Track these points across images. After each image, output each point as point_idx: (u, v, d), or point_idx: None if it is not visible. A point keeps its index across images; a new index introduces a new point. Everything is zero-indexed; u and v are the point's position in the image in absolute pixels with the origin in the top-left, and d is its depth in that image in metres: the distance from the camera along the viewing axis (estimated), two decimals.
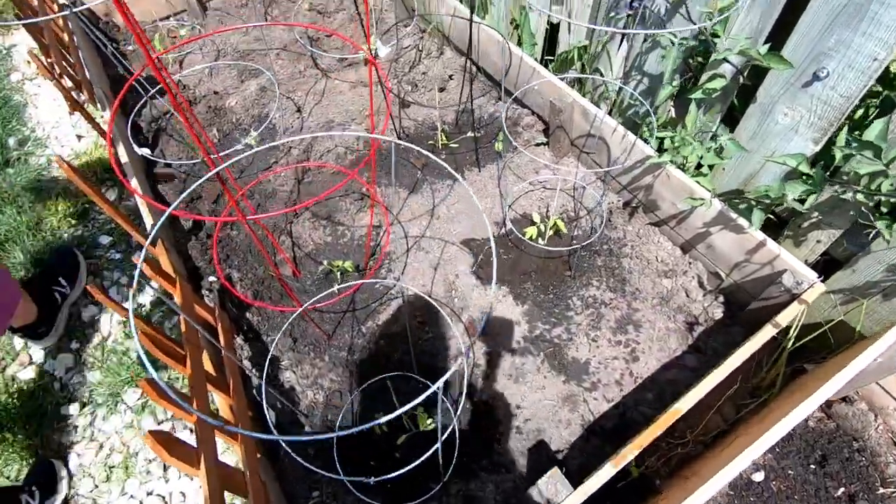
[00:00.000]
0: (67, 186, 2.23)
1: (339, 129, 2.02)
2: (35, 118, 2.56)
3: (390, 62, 2.31)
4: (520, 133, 1.93)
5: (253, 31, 2.50)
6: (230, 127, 2.07)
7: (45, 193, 2.23)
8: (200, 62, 2.37)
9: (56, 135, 2.50)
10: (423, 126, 2.04)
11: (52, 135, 2.50)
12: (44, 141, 2.46)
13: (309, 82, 2.24)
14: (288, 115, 2.11)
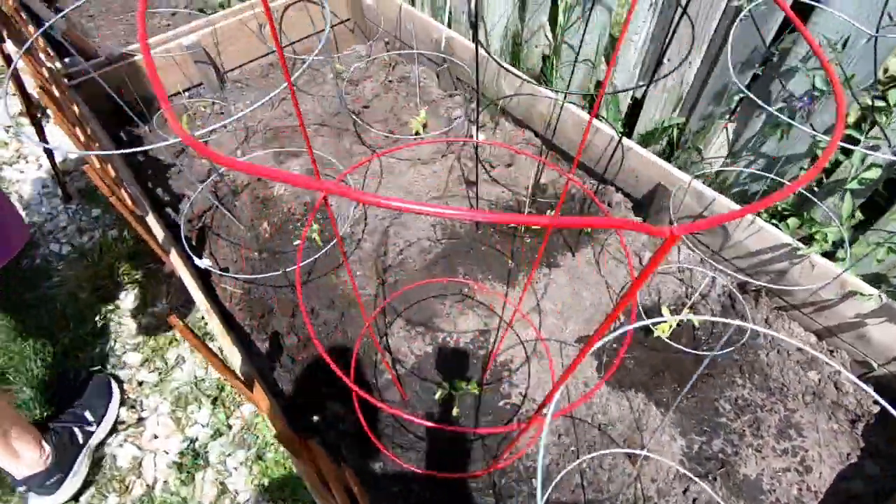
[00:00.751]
0: (76, 294, 1.89)
1: (410, 215, 1.83)
2: (25, 207, 2.19)
3: (441, 133, 2.17)
4: (610, 212, 1.82)
5: (282, 104, 2.29)
6: (282, 218, 1.84)
7: (52, 301, 1.87)
8: (229, 142, 2.12)
9: (50, 227, 2.15)
10: (497, 206, 1.89)
11: (46, 228, 2.14)
12: (42, 236, 2.10)
13: (357, 160, 2.04)
14: (346, 202, 1.90)
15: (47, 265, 2.03)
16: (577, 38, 1.78)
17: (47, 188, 2.29)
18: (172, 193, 1.95)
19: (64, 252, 2.07)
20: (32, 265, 2.03)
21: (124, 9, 2.83)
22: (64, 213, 2.20)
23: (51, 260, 2.05)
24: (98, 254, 2.02)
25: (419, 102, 2.27)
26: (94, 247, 2.07)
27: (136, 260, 2.00)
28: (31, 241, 2.09)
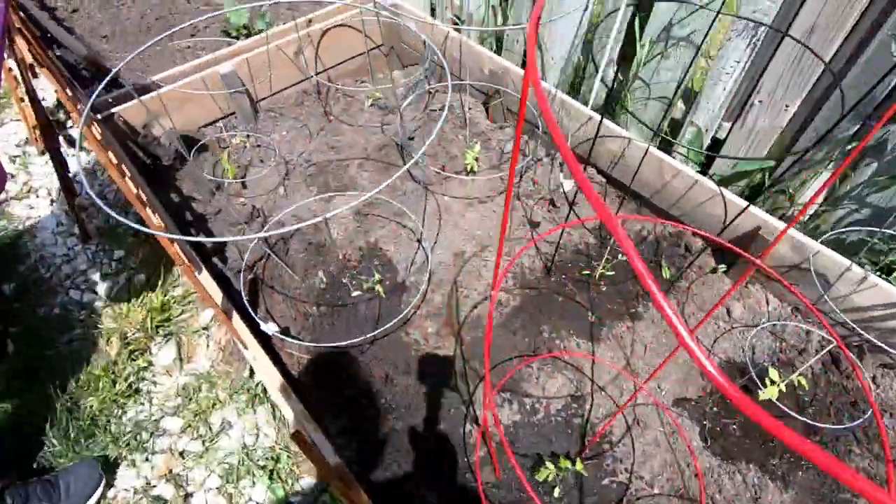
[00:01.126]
0: (103, 349, 1.70)
1: (478, 262, 1.69)
2: (37, 248, 1.99)
3: (493, 167, 2.04)
4: (686, 257, 1.71)
5: (321, 135, 2.14)
6: (338, 267, 1.69)
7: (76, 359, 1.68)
8: (269, 179, 1.96)
9: (67, 270, 1.95)
10: (565, 250, 1.78)
11: (63, 271, 1.95)
12: (59, 282, 1.90)
13: (412, 199, 1.91)
14: (404, 245, 1.76)
15: (67, 315, 1.84)
16: (652, 73, 1.68)
17: (62, 226, 2.10)
18: (211, 236, 1.78)
19: (86, 300, 1.88)
20: (51, 314, 1.84)
21: (139, 28, 2.65)
22: (83, 255, 2.01)
23: (71, 309, 1.86)
24: (126, 302, 1.84)
25: (468, 135, 2.15)
26: (121, 293, 1.88)
27: (170, 309, 1.82)
28: (48, 288, 1.89)
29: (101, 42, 2.55)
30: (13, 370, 1.67)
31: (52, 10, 2.77)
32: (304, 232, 1.74)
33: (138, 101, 1.86)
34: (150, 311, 1.79)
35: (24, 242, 2.04)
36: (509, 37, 2.09)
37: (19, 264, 1.97)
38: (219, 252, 1.72)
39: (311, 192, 1.92)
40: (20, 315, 1.83)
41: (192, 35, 2.65)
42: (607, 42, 1.70)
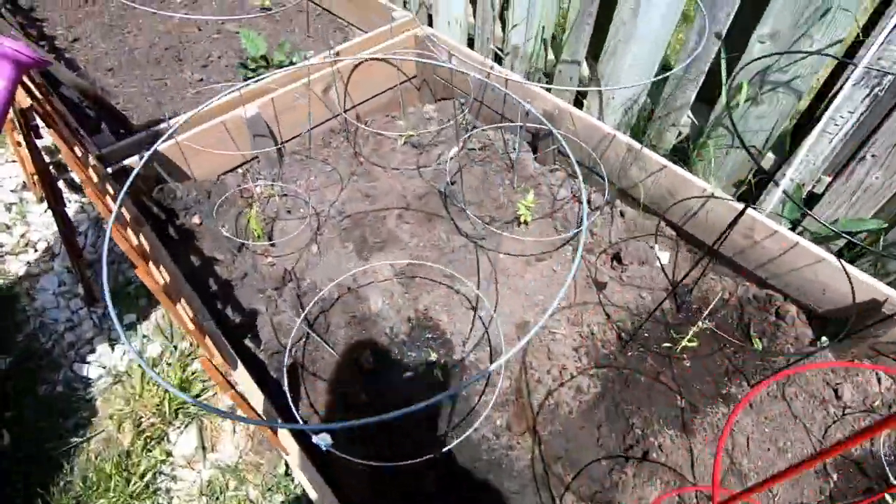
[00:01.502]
0: (115, 437, 1.48)
1: (545, 335, 1.49)
2: (37, 312, 1.76)
3: (546, 215, 1.85)
4: (779, 326, 1.52)
5: (352, 181, 1.94)
6: (387, 341, 1.47)
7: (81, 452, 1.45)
8: (297, 231, 1.75)
9: (71, 338, 1.73)
10: (638, 316, 1.57)
11: (66, 340, 1.72)
12: (62, 353, 1.67)
13: (461, 257, 1.70)
14: (458, 314, 1.55)
15: (72, 395, 1.61)
16: (738, 119, 1.50)
17: (65, 286, 1.88)
18: (238, 306, 1.57)
19: (93, 375, 1.65)
20: (53, 393, 1.62)
21: (148, 59, 2.45)
22: (88, 320, 1.79)
23: (76, 387, 1.63)
24: (140, 378, 1.61)
25: (515, 179, 1.95)
26: (132, 367, 1.66)
27: (189, 387, 1.60)
28: (49, 361, 1.67)
29: (107, 76, 2.34)
30: (9, 467, 1.44)
31: (52, 40, 2.57)
32: (346, 301, 1.53)
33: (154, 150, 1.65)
34: (167, 392, 1.57)
35: (21, 306, 1.81)
36: (562, 73, 1.90)
37: (16, 333, 1.75)
38: (246, 326, 1.50)
39: (346, 250, 1.72)
40: (17, 395, 1.60)
41: (203, 66, 2.45)
42: (685, 83, 1.52)
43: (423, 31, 2.12)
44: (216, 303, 1.53)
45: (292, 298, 1.52)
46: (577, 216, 1.84)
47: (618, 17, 1.59)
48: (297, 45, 2.60)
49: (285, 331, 1.44)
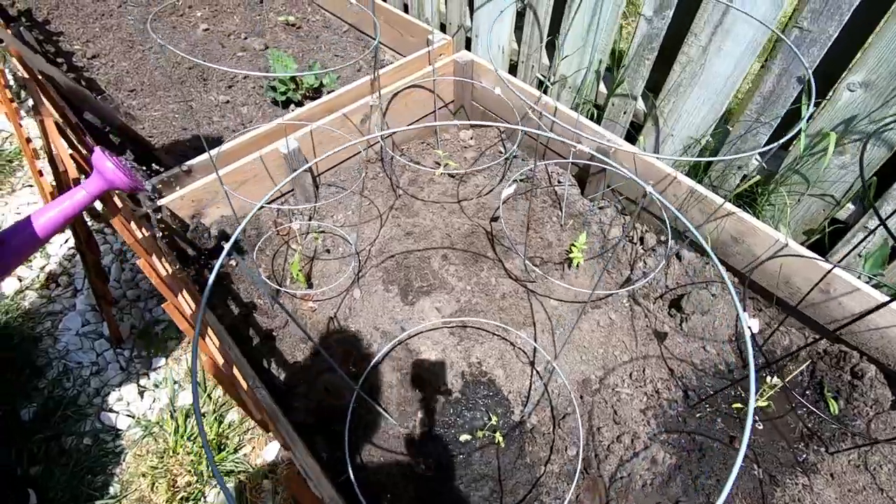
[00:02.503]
0: (147, 498, 1.38)
1: (609, 395, 1.40)
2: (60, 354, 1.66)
3: (596, 256, 1.76)
4: (855, 386, 1.43)
5: (392, 216, 1.85)
6: (441, 400, 1.38)
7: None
8: (336, 271, 1.66)
9: (97, 384, 1.63)
10: (704, 372, 1.49)
11: (91, 385, 1.62)
12: (88, 400, 1.57)
13: (512, 302, 1.61)
14: (513, 368, 1.46)
15: (100, 447, 1.52)
16: (814, 165, 1.41)
17: (89, 325, 1.78)
18: (282, 360, 1.47)
19: (121, 425, 1.56)
20: (80, 447, 1.52)
21: (171, 79, 2.35)
22: (115, 363, 1.69)
23: (104, 439, 1.54)
24: (174, 432, 1.52)
25: (563, 215, 1.86)
26: (163, 417, 1.57)
27: (226, 442, 1.51)
28: (75, 410, 1.57)
29: (129, 97, 2.24)
30: None
31: (70, 56, 2.46)
32: (395, 356, 1.44)
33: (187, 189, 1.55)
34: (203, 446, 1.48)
35: (44, 348, 1.72)
36: (615, 106, 1.81)
37: (39, 378, 1.65)
38: (292, 392, 1.41)
39: (390, 294, 1.62)
40: (43, 449, 1.51)
41: (229, 87, 2.35)
42: (756, 126, 1.43)
43: (463, 56, 2.02)
44: (261, 359, 1.43)
45: (340, 352, 1.43)
46: (630, 258, 1.75)
47: (685, 54, 1.51)
48: (325, 64, 2.51)
49: (335, 391, 1.35)
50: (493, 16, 2.08)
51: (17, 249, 0.93)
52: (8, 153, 2.28)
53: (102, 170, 1.00)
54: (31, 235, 0.94)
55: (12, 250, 0.92)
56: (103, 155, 1.01)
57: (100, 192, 1.01)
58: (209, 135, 2.11)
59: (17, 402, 1.57)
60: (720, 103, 1.52)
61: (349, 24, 2.75)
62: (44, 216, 0.96)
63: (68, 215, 0.98)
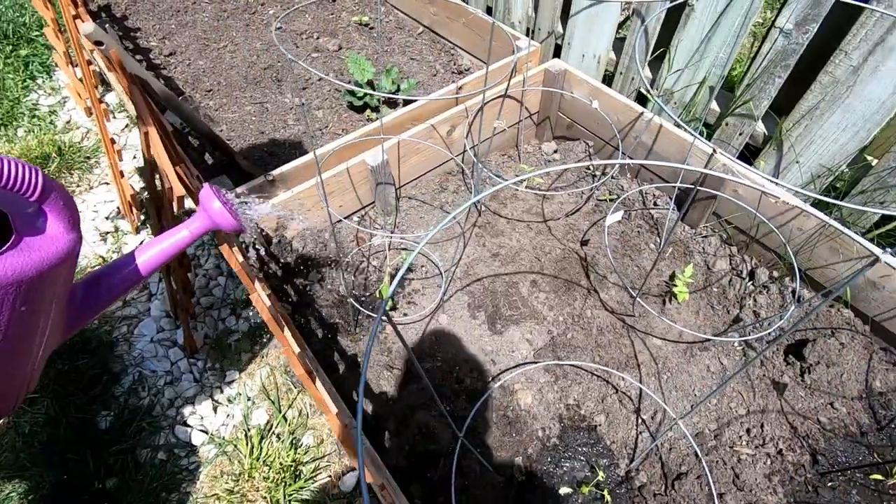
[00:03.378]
0: None
1: (727, 453, 1.25)
2: (135, 361, 1.63)
3: (699, 289, 1.60)
4: None
5: (475, 234, 1.74)
6: (538, 447, 1.27)
7: None
8: (420, 291, 1.57)
9: (171, 395, 1.59)
10: (833, 434, 1.32)
11: (165, 396, 1.58)
12: (162, 412, 1.53)
13: (610, 338, 1.48)
14: (616, 413, 1.33)
15: (175, 463, 1.47)
16: None
17: (163, 332, 1.75)
18: (367, 390, 1.39)
19: (195, 441, 1.51)
20: (154, 461, 1.48)
21: (246, 80, 2.31)
22: (189, 374, 1.65)
23: (178, 454, 1.49)
24: (248, 452, 1.46)
25: (661, 242, 1.71)
26: (237, 435, 1.51)
27: (302, 470, 1.44)
28: (150, 421, 1.53)
29: (205, 97, 2.21)
30: None
31: (147, 53, 2.46)
32: (496, 396, 1.33)
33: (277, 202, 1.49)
34: (280, 473, 1.41)
35: (120, 353, 1.69)
36: (729, 127, 1.65)
37: (116, 385, 1.62)
38: (382, 428, 1.32)
39: (476, 321, 1.52)
40: (119, 461, 1.47)
41: (303, 89, 2.30)
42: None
43: (556, 65, 1.89)
44: (349, 390, 1.35)
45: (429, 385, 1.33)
46: (738, 294, 1.59)
47: (829, 74, 1.34)
48: (401, 67, 2.42)
49: (430, 432, 1.25)
50: (592, 23, 1.94)
51: (110, 289, 0.87)
52: (86, 150, 2.29)
53: (209, 210, 0.93)
54: (128, 275, 0.90)
55: (106, 289, 0.87)
56: (212, 192, 0.94)
57: (202, 232, 0.95)
58: (285, 139, 2.05)
59: (95, 411, 1.55)
60: (867, 131, 1.34)
61: (424, 25, 2.65)
62: (143, 255, 0.90)
63: (167, 256, 0.92)
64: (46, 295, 0.72)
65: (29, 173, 0.66)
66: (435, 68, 2.43)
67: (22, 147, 2.27)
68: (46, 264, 0.68)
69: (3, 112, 2.44)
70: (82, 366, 1.64)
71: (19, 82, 2.57)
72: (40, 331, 0.75)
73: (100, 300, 0.88)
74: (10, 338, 0.67)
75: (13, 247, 0.65)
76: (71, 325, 0.85)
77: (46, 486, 1.41)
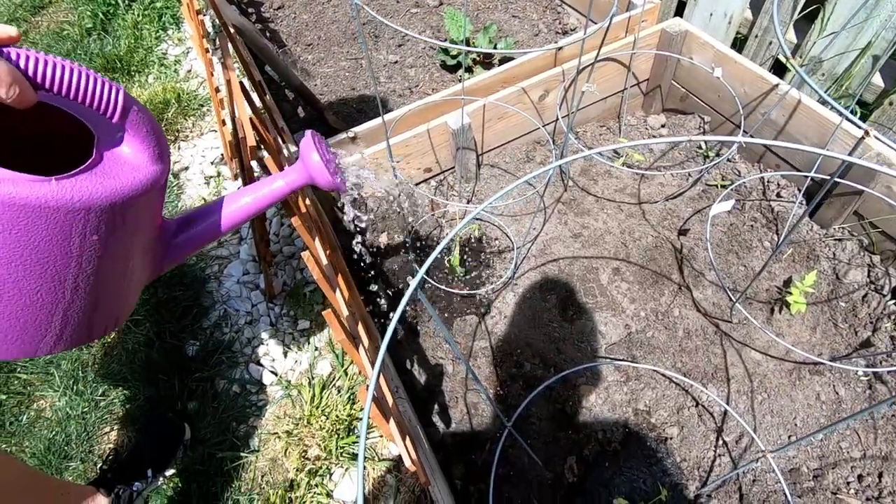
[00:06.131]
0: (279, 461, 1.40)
1: (829, 500, 1.06)
2: (222, 299, 1.76)
3: (821, 301, 1.35)
4: None
5: (558, 211, 1.61)
6: (596, 449, 1.17)
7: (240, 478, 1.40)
8: (491, 266, 1.49)
9: (249, 334, 1.70)
10: None
11: (244, 335, 1.69)
12: (240, 349, 1.65)
13: (697, 343, 1.30)
14: (693, 430, 1.17)
15: (245, 397, 1.58)
16: None
17: (248, 275, 1.86)
18: (423, 359, 1.36)
19: (266, 380, 1.61)
20: (229, 392, 1.60)
21: (345, 35, 2.31)
22: (266, 317, 1.75)
23: (250, 389, 1.60)
24: (310, 401, 1.52)
25: (780, 241, 1.46)
26: (302, 382, 1.58)
27: (357, 421, 1.47)
28: (229, 355, 1.65)
29: (305, 51, 2.25)
30: (187, 469, 1.45)
31: (259, 6, 2.55)
32: (553, 387, 1.24)
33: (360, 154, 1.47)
34: (335, 424, 1.45)
35: (210, 289, 1.83)
36: (894, 107, 1.33)
37: (204, 318, 1.77)
38: (433, 401, 1.29)
39: (547, 304, 1.41)
40: (200, 388, 1.62)
41: (399, 45, 2.25)
42: None
43: (675, 25, 1.64)
44: (404, 358, 1.33)
45: (486, 367, 1.27)
46: (873, 314, 1.31)
47: None
48: (501, 26, 2.27)
49: (479, 415, 1.20)
50: None
51: (202, 233, 0.85)
52: (201, 98, 2.46)
53: (307, 162, 0.87)
54: (219, 221, 0.86)
55: (197, 232, 0.85)
56: (312, 143, 0.86)
57: (299, 185, 0.89)
58: (375, 97, 2.03)
59: (185, 339, 1.70)
60: None
61: None
62: (237, 202, 0.87)
63: (261, 206, 0.88)
64: (127, 226, 0.69)
65: (109, 90, 0.61)
66: (538, 27, 2.24)
67: (150, 93, 2.50)
68: (122, 194, 0.65)
69: (138, 59, 2.69)
70: (179, 297, 1.80)
71: (153, 33, 2.82)
72: (121, 261, 0.73)
73: (190, 242, 0.86)
74: (85, 266, 0.68)
75: (88, 169, 0.62)
76: (162, 261, 0.83)
77: (141, 399, 1.59)
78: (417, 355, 1.34)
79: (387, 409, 0.83)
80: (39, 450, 1.50)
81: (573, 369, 1.24)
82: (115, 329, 0.92)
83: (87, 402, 1.58)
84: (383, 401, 0.84)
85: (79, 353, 1.69)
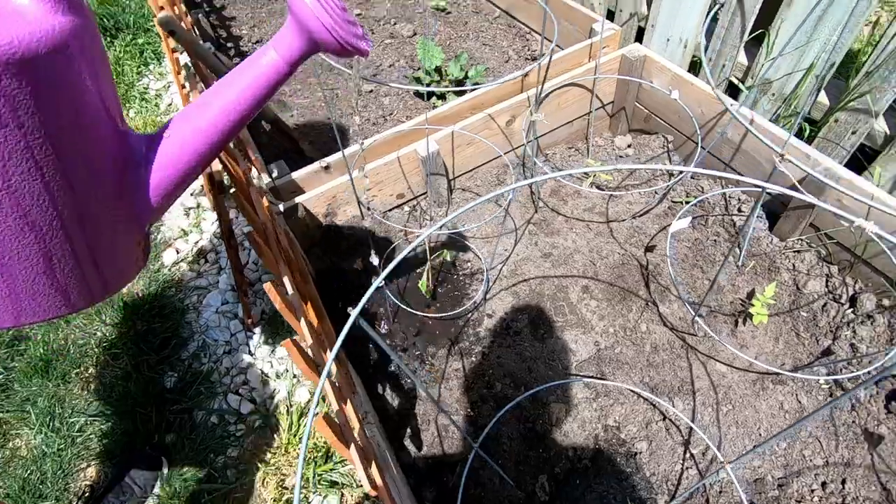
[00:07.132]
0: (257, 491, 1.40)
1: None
2: (201, 329, 1.77)
3: (782, 312, 1.39)
4: None
5: (530, 233, 1.65)
6: (567, 467, 1.18)
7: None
8: (461, 288, 1.52)
9: (228, 364, 1.71)
10: None
11: (223, 364, 1.70)
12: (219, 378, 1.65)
13: (664, 357, 1.33)
14: (661, 444, 1.20)
15: (224, 427, 1.58)
16: None
17: (227, 304, 1.87)
18: (397, 382, 1.38)
19: (244, 410, 1.61)
20: (207, 423, 1.60)
21: (321, 66, 2.38)
22: (245, 346, 1.76)
23: (228, 420, 1.60)
24: (287, 427, 1.53)
25: (741, 254, 1.50)
26: (280, 410, 1.58)
27: (333, 451, 1.48)
28: (208, 386, 1.65)
29: None
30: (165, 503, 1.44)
31: (238, 40, 2.62)
32: (522, 405, 1.26)
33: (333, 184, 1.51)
34: (312, 452, 1.46)
35: (189, 320, 1.84)
36: (839, 124, 1.39)
37: (183, 349, 1.77)
38: (403, 425, 1.31)
39: (517, 324, 1.44)
40: (178, 420, 1.61)
41: (374, 75, 2.31)
42: None
43: (634, 50, 1.72)
44: (377, 383, 1.35)
45: (458, 387, 1.29)
46: (833, 323, 1.35)
47: None
48: (472, 54, 2.35)
49: (449, 437, 1.22)
50: (681, 2, 1.73)
51: (184, 144, 0.63)
52: None
53: (299, 11, 0.61)
54: (204, 127, 0.64)
55: (179, 143, 0.63)
56: None
57: (300, 53, 0.64)
58: (349, 125, 2.08)
59: (163, 371, 1.70)
60: None
61: (501, 8, 2.55)
62: (219, 98, 0.62)
63: (256, 94, 0.63)
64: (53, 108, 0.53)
65: None
66: (507, 54, 2.32)
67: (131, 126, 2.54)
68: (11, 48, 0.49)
69: (120, 95, 2.74)
70: (157, 328, 1.80)
71: (135, 68, 2.87)
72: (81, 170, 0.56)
73: (172, 162, 0.63)
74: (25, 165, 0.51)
75: None
76: (142, 195, 0.63)
77: (118, 433, 1.58)
78: (391, 381, 1.35)
79: (349, 435, 0.85)
80: (14, 490, 1.48)
81: (541, 387, 1.26)
82: (128, 279, 0.69)
83: (63, 438, 1.57)
84: (345, 427, 0.86)
85: (56, 388, 1.68)
